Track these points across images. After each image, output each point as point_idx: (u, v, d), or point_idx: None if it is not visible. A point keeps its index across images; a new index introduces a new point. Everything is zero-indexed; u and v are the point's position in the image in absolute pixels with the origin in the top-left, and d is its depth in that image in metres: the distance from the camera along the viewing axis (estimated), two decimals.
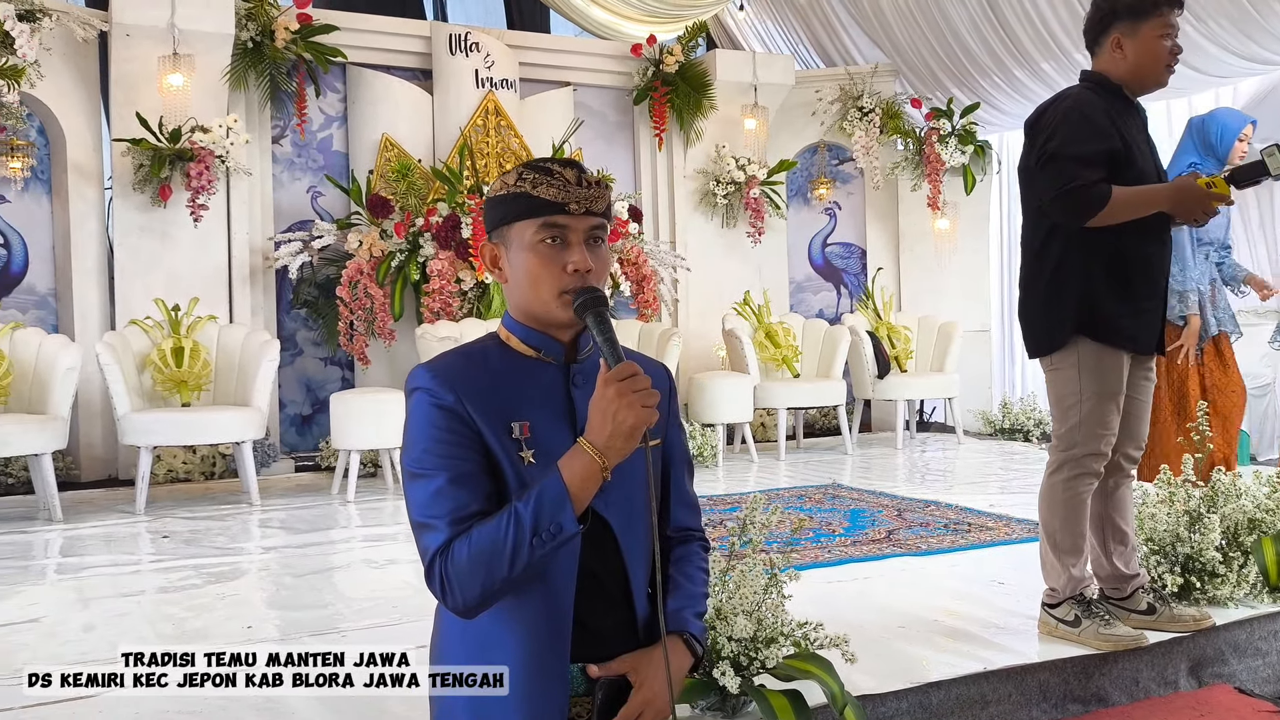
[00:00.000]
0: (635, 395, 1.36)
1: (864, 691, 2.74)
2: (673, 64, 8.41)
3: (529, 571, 1.40)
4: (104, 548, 4.91)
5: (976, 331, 9.03)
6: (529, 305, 1.52)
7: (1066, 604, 3.14)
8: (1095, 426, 3.02)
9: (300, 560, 4.60)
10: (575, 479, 1.38)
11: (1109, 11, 3.00)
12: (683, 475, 1.68)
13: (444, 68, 7.78)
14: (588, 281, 1.48)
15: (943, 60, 8.86)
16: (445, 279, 6.85)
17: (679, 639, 1.58)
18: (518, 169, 1.52)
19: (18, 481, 6.40)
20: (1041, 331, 3.11)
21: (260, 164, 7.41)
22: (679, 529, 1.68)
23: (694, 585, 1.65)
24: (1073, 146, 2.89)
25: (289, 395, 7.59)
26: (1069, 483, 3.08)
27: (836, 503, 5.66)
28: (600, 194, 1.52)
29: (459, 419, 1.45)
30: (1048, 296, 3.06)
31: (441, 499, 1.43)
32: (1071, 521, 3.10)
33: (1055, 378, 3.09)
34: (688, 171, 8.67)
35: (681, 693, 2.45)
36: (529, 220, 1.48)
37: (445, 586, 1.41)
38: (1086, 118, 2.93)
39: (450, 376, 1.48)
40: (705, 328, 8.45)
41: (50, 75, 6.52)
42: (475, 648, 1.50)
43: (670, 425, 1.66)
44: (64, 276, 6.87)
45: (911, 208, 9.11)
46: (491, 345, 1.56)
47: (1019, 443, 8.07)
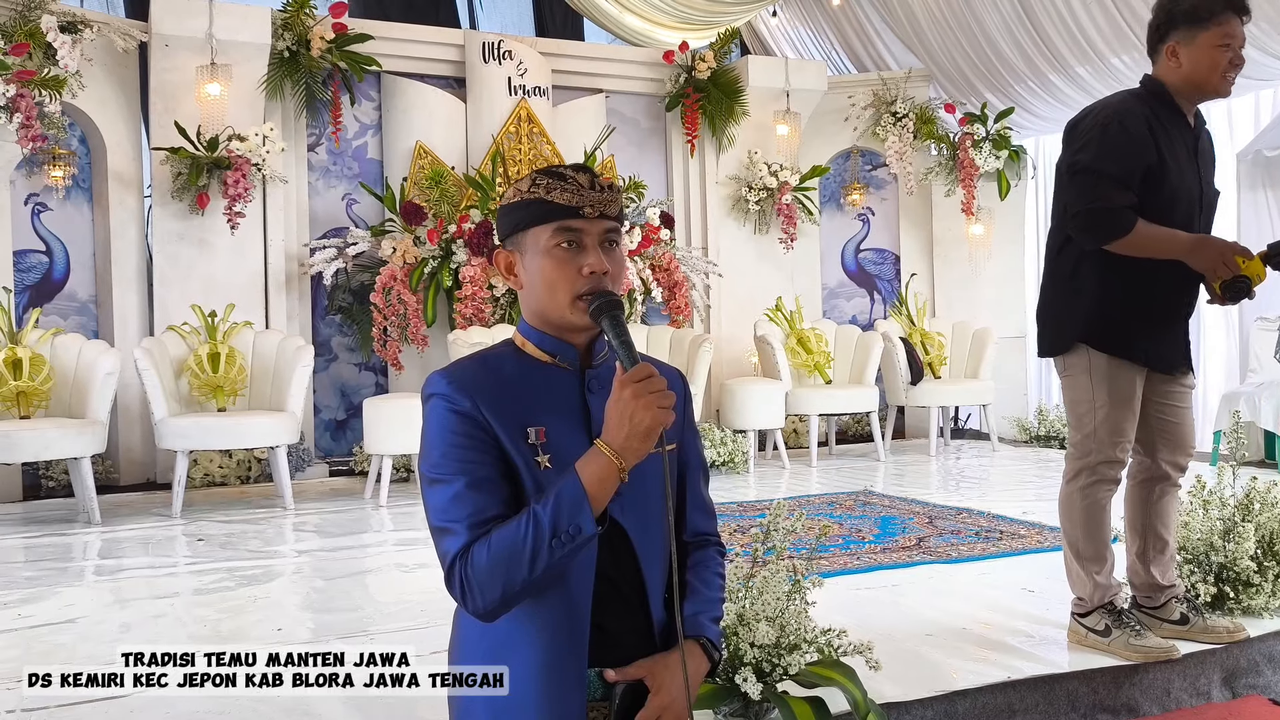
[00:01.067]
0: (652, 396, 1.37)
1: (889, 699, 2.73)
2: (705, 70, 8.42)
3: (548, 574, 1.40)
4: (141, 550, 4.98)
5: (1012, 338, 8.95)
6: (544, 310, 1.53)
7: (1097, 613, 3.09)
8: (1109, 434, 2.97)
9: (332, 564, 4.65)
10: (593, 480, 1.39)
11: (1166, 19, 2.91)
12: (698, 480, 1.69)
13: (477, 75, 7.84)
14: (603, 284, 1.49)
15: (976, 65, 8.81)
16: (478, 285, 6.89)
17: (696, 644, 1.58)
18: (531, 175, 1.54)
19: (58, 484, 6.51)
20: (1051, 332, 3.08)
21: (296, 172, 7.50)
22: (695, 534, 1.69)
23: (710, 590, 1.65)
24: (1105, 162, 2.82)
25: (324, 400, 7.66)
26: (1086, 490, 3.04)
27: (867, 509, 5.63)
28: (613, 198, 1.53)
29: (475, 424, 1.46)
30: (1061, 299, 3.02)
31: (460, 503, 1.44)
32: (1092, 529, 3.05)
33: (1068, 383, 3.05)
34: (720, 178, 8.67)
35: (698, 698, 2.46)
36: (544, 225, 1.50)
37: (465, 590, 1.42)
38: (1124, 129, 2.84)
39: (466, 382, 1.49)
40: (737, 334, 8.44)
41: (91, 85, 6.64)
42: (493, 650, 1.50)
43: (685, 430, 1.67)
44: (104, 283, 6.99)
45: (946, 213, 9.05)
46: (507, 351, 1.57)
47: (1055, 450, 7.99)
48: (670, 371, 1.65)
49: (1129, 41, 7.50)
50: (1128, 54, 7.64)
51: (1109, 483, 3.02)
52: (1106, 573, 3.09)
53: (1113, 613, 3.07)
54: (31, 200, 6.79)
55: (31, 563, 4.75)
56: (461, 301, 6.94)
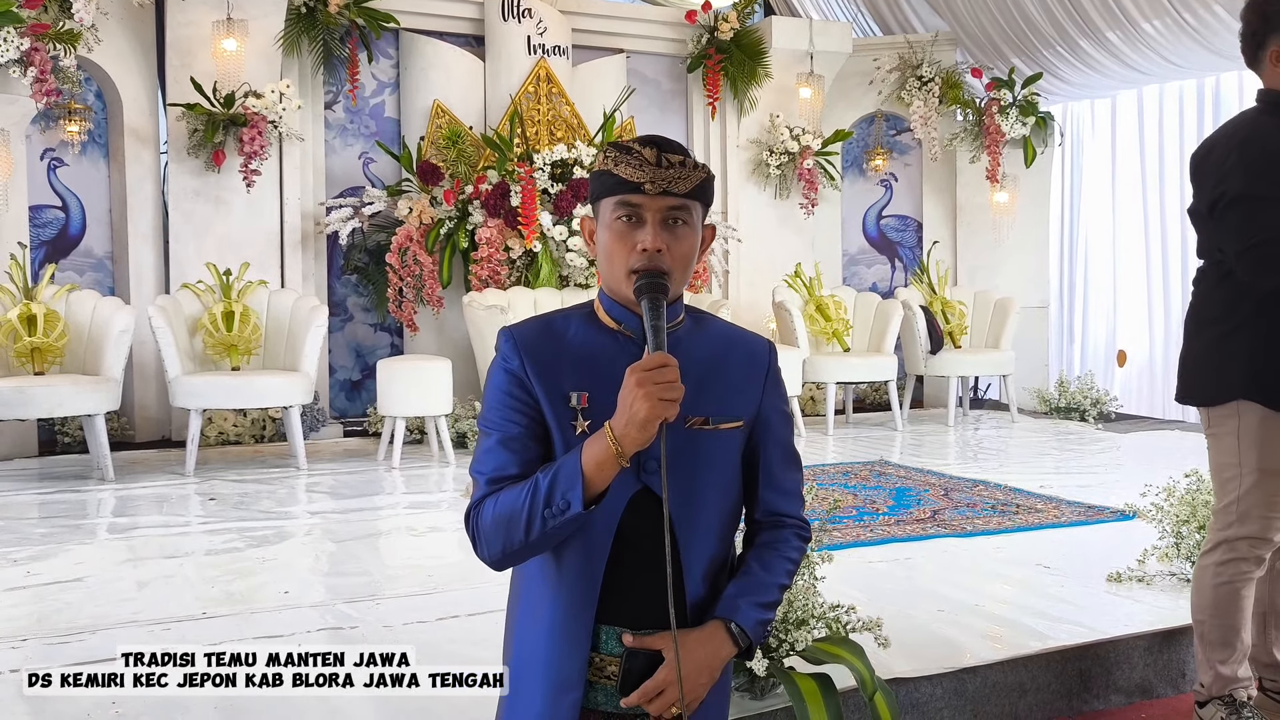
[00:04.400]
0: (655, 387, 1.36)
1: (898, 675, 2.70)
2: (728, 31, 8.28)
3: (547, 540, 1.44)
4: (154, 508, 4.99)
5: (1035, 308, 8.85)
6: (608, 279, 1.56)
7: (1213, 704, 2.66)
8: (1257, 506, 2.57)
9: (343, 526, 4.64)
10: (591, 461, 1.40)
11: (1263, 23, 2.58)
12: (774, 459, 1.64)
13: (496, 34, 7.74)
14: (657, 262, 1.49)
15: (1004, 29, 8.64)
16: (494, 247, 6.84)
17: (723, 626, 1.54)
18: (605, 146, 1.56)
19: (74, 440, 6.53)
20: (1196, 381, 2.69)
21: (313, 130, 7.44)
22: (769, 513, 1.64)
23: (767, 574, 1.60)
24: (1257, 186, 2.44)
25: (339, 361, 7.65)
26: (1221, 567, 2.63)
27: (883, 480, 5.58)
28: (684, 175, 1.51)
29: (519, 384, 1.51)
30: (1212, 345, 2.63)
31: (489, 457, 1.51)
32: (1223, 612, 2.63)
33: (1214, 444, 2.67)
34: (741, 141, 8.56)
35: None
36: (609, 198, 1.52)
37: (475, 539, 1.50)
38: (1266, 151, 2.48)
39: (521, 341, 1.54)
40: (756, 299, 8.37)
41: (107, 39, 6.58)
42: (524, 598, 1.58)
43: (766, 406, 1.62)
44: (120, 240, 6.97)
45: (970, 180, 8.92)
46: (579, 315, 1.60)
47: (1075, 422, 7.91)
48: (758, 343, 1.66)
49: (1160, 6, 7.33)
50: (1159, 19, 7.47)
51: (1250, 562, 2.61)
52: (1232, 663, 2.65)
53: (1231, 705, 2.64)
54: (47, 155, 6.77)
55: (45, 519, 4.76)
56: (477, 263, 6.89)
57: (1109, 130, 9.36)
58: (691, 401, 1.45)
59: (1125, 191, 9.14)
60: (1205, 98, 8.45)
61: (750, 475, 1.62)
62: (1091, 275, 9.51)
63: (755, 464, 1.62)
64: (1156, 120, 8.85)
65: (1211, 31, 7.28)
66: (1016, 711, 2.85)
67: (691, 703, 1.50)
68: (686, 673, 1.47)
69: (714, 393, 1.55)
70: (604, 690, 1.52)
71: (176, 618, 3.28)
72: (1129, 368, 9.15)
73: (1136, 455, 6.49)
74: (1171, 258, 8.73)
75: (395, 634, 3.11)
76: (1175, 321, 8.84)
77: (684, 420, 1.50)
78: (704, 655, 1.50)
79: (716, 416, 1.54)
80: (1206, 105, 8.44)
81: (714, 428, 1.53)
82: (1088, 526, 4.48)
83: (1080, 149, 9.64)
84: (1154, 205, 8.82)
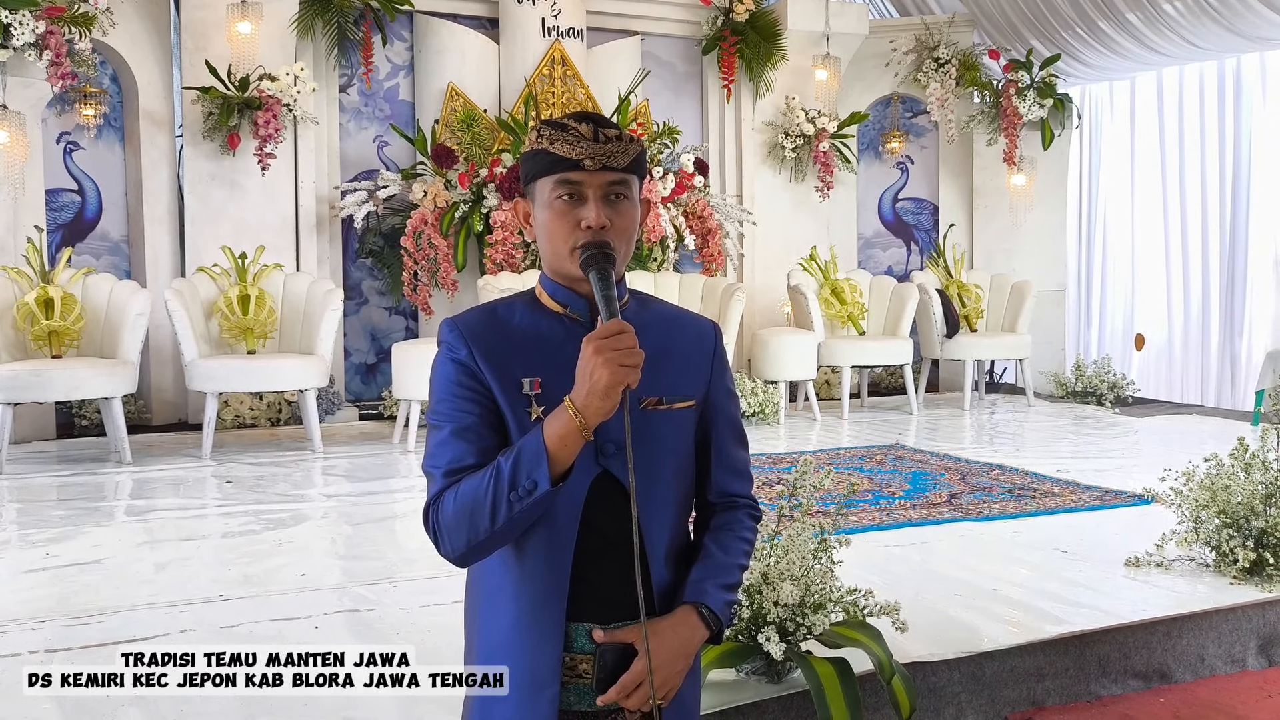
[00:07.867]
0: (615, 354, 1.33)
1: (916, 659, 2.69)
2: (743, 12, 8.23)
3: (514, 527, 1.40)
4: (171, 491, 5.01)
5: (1052, 291, 8.79)
6: (551, 261, 1.53)
7: None
8: None
9: (358, 509, 4.65)
10: (554, 437, 1.37)
11: None
12: (725, 437, 1.63)
13: (511, 16, 7.71)
14: (601, 237, 1.46)
15: (1023, 10, 8.56)
16: (509, 230, 6.83)
17: (693, 610, 1.52)
18: (538, 125, 1.52)
19: (91, 423, 6.57)
20: None
21: (327, 113, 7.43)
22: (721, 494, 1.63)
23: (726, 555, 1.58)
24: None
25: (354, 344, 7.66)
26: None
27: (898, 464, 5.57)
28: (620, 149, 1.48)
29: (469, 373, 1.48)
30: None
31: (442, 450, 1.47)
32: None
33: None
34: (756, 124, 8.51)
35: (720, 655, 2.42)
36: (547, 177, 1.49)
37: (437, 535, 1.46)
38: None
39: (467, 331, 1.50)
40: (771, 283, 8.34)
41: (123, 23, 6.58)
42: (486, 592, 1.53)
43: (714, 386, 1.61)
44: (136, 223, 6.99)
45: (987, 163, 8.86)
46: (521, 301, 1.57)
47: (1091, 406, 7.87)
48: (699, 326, 1.62)
49: None
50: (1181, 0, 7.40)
51: None
52: None
53: None
54: (63, 139, 6.78)
55: (63, 501, 4.79)
56: (492, 246, 6.88)
57: (1128, 113, 9.28)
58: (644, 383, 1.41)
59: (1144, 174, 9.07)
60: (1226, 80, 8.36)
61: (703, 456, 1.60)
62: (1109, 259, 9.45)
63: (708, 444, 1.60)
64: (1176, 102, 8.78)
65: (1233, 12, 7.20)
66: (1034, 696, 2.83)
67: (670, 691, 1.47)
68: (662, 661, 1.45)
69: (665, 373, 1.52)
70: (576, 690, 1.49)
71: (194, 599, 3.30)
72: (1147, 351, 9.10)
73: (1154, 439, 6.46)
74: (1191, 241, 8.66)
75: (412, 616, 3.11)
76: (1194, 305, 8.78)
77: (638, 401, 1.48)
78: (678, 642, 1.48)
79: (669, 396, 1.52)
80: (1227, 87, 8.36)
81: (668, 407, 1.50)
82: (1105, 511, 4.45)
83: (1099, 131, 9.56)
84: (1173, 188, 8.74)
